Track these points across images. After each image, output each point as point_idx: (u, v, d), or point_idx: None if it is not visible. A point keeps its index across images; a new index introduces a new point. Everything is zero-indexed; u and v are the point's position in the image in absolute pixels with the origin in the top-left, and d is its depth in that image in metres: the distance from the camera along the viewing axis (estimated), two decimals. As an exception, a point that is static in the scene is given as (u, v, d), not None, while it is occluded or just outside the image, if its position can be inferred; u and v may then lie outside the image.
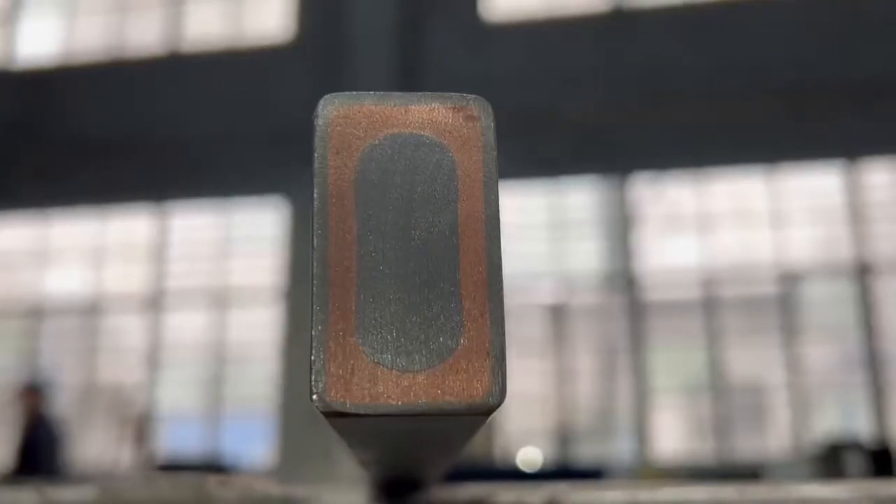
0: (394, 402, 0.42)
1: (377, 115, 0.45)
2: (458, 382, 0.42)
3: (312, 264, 0.43)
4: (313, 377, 0.41)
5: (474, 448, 8.55)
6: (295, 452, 8.64)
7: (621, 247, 10.06)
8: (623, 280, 9.89)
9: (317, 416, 0.44)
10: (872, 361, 9.21)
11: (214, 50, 10.86)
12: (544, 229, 10.19)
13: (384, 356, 0.42)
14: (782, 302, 9.55)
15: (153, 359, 10.40)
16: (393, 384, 0.42)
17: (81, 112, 10.69)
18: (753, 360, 9.55)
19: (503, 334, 0.43)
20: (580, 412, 9.72)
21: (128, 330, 10.56)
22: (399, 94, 0.46)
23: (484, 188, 0.45)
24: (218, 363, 10.30)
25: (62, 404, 9.18)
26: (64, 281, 10.84)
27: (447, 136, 0.45)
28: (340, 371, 0.42)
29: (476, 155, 0.45)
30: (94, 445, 9.98)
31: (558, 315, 9.92)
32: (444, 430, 0.45)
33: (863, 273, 9.47)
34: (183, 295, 10.51)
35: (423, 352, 0.43)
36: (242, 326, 10.34)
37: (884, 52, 9.45)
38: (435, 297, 0.43)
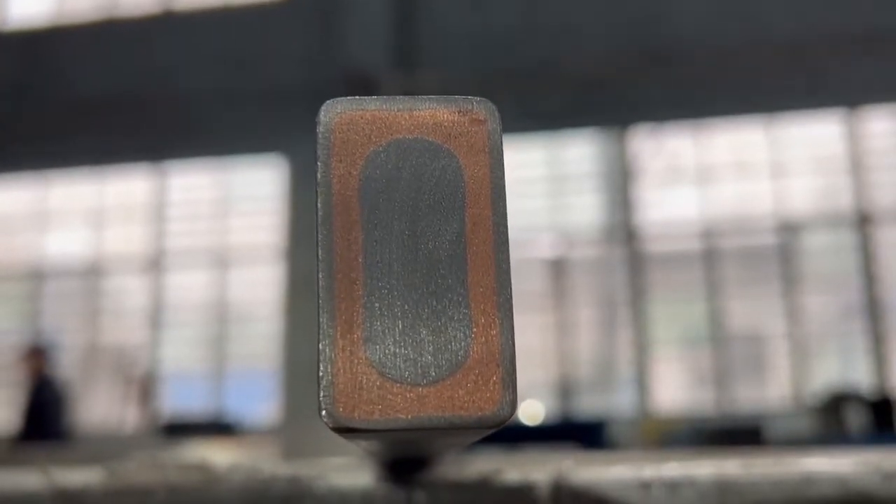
0: (403, 417, 0.41)
1: (380, 120, 0.44)
2: (468, 395, 0.42)
3: (318, 276, 0.42)
4: (322, 393, 0.41)
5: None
6: (298, 409, 8.70)
7: (621, 199, 10.04)
8: (623, 233, 9.90)
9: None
10: (872, 311, 9.25)
11: (209, 7, 10.74)
12: (544, 183, 10.17)
13: (393, 370, 0.42)
14: (782, 252, 9.56)
15: (155, 319, 10.44)
16: (402, 398, 0.42)
17: (77, 72, 10.60)
18: (753, 310, 9.59)
19: (513, 344, 0.42)
20: (581, 365, 9.78)
21: (129, 290, 10.58)
22: (402, 98, 0.44)
23: (491, 194, 0.44)
24: (220, 322, 10.34)
25: (66, 366, 9.22)
26: (64, 243, 10.84)
27: (453, 140, 0.44)
28: (349, 386, 0.41)
29: (483, 159, 0.44)
30: (98, 406, 10.06)
31: (558, 269, 9.94)
32: (454, 436, 0.45)
33: (863, 222, 9.47)
34: (183, 255, 10.52)
35: (433, 364, 0.42)
36: (244, 285, 10.36)
37: (884, 0, 9.35)
38: (443, 307, 0.42)
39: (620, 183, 10.06)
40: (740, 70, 9.44)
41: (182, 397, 10.13)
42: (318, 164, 0.43)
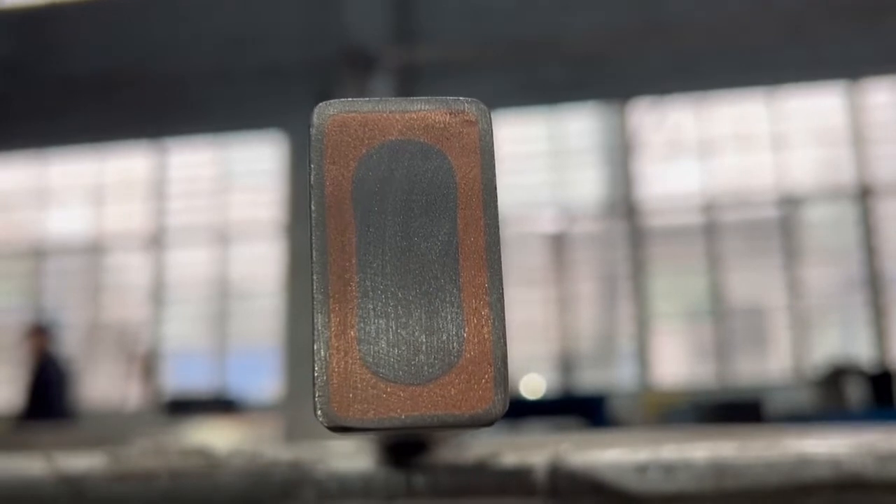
0: (397, 416, 0.42)
1: (373, 122, 0.45)
2: (460, 394, 0.42)
3: (312, 277, 0.43)
4: (317, 392, 0.42)
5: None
6: (300, 386, 8.73)
7: (622, 173, 10.02)
8: (624, 207, 9.89)
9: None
10: (873, 283, 9.25)
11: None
12: (544, 157, 10.15)
13: (387, 370, 0.42)
14: (783, 225, 9.55)
15: (157, 296, 10.46)
16: (396, 397, 0.42)
17: (75, 49, 10.55)
18: (754, 283, 9.60)
19: (505, 344, 0.43)
20: (582, 339, 9.81)
21: (130, 268, 10.59)
22: (394, 99, 0.45)
23: (483, 194, 0.44)
24: (222, 298, 10.35)
25: (68, 343, 9.25)
26: (65, 220, 10.84)
27: (445, 142, 0.45)
28: (343, 386, 0.42)
29: (475, 160, 0.44)
30: (101, 383, 10.10)
31: (559, 243, 9.94)
32: (447, 432, 0.46)
33: (864, 194, 9.46)
34: (184, 231, 10.52)
35: (426, 364, 0.43)
36: (245, 261, 10.37)
37: (887, -30, 9.28)
38: (436, 308, 0.43)
39: (621, 157, 10.04)
40: (741, 42, 9.39)
41: (184, 374, 10.17)
42: (311, 166, 0.44)
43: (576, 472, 0.92)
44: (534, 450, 0.94)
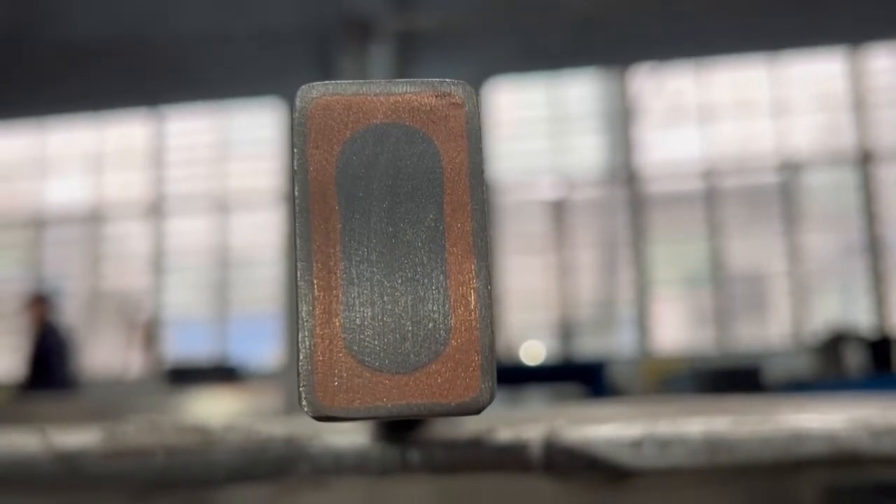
0: (383, 404, 0.42)
1: (357, 105, 0.44)
2: (447, 382, 0.42)
3: (296, 265, 0.42)
4: (301, 382, 0.41)
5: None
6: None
7: (622, 140, 9.99)
8: (624, 173, 9.86)
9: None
10: (873, 249, 9.25)
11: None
12: (544, 124, 10.11)
13: (372, 358, 0.42)
14: (783, 191, 9.54)
15: (157, 264, 10.46)
16: (382, 386, 0.42)
17: (73, 17, 10.46)
18: (754, 249, 9.60)
19: (492, 331, 0.42)
20: (582, 306, 9.82)
21: (131, 236, 10.59)
22: (379, 81, 0.44)
23: (470, 179, 0.43)
24: (222, 267, 10.36)
25: (69, 312, 9.27)
26: (64, 189, 10.82)
27: (430, 125, 0.44)
28: (329, 376, 0.41)
29: (461, 144, 0.44)
30: (102, 352, 10.13)
31: (559, 210, 9.93)
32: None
33: (864, 160, 9.43)
34: (184, 200, 10.51)
35: (412, 352, 0.42)
36: (245, 229, 10.36)
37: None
38: (422, 296, 0.42)
39: (621, 123, 10.00)
40: (742, 7, 9.31)
41: (186, 343, 10.20)
42: (294, 150, 0.43)
43: (571, 447, 0.92)
44: (529, 425, 0.94)
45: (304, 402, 0.41)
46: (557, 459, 0.92)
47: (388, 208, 0.43)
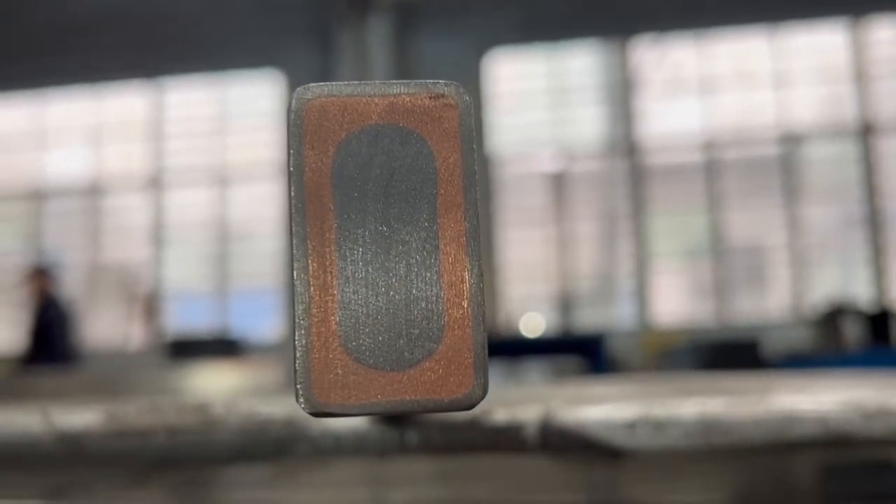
0: (378, 401, 0.43)
1: (352, 107, 0.44)
2: (441, 379, 0.43)
3: (292, 265, 0.43)
4: (298, 380, 0.42)
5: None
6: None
7: (622, 112, 9.96)
8: (624, 145, 9.84)
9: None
10: (873, 222, 9.25)
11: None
12: (544, 95, 10.07)
13: (367, 356, 0.43)
14: (784, 163, 9.52)
15: (157, 237, 10.47)
16: (377, 383, 0.43)
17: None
18: (754, 221, 9.60)
19: (484, 330, 0.43)
20: (581, 278, 9.84)
21: (130, 209, 10.58)
22: (373, 83, 0.44)
23: (463, 179, 0.44)
24: (222, 240, 10.37)
25: (69, 285, 9.28)
26: (64, 162, 10.80)
27: (424, 126, 0.44)
28: (325, 374, 0.42)
29: (454, 144, 0.44)
30: (103, 325, 10.16)
31: (559, 183, 9.91)
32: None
33: (865, 132, 9.41)
34: (183, 172, 10.49)
35: (406, 350, 0.43)
36: (245, 202, 10.36)
37: None
38: (416, 295, 0.43)
39: (622, 95, 9.97)
40: (744, -22, 9.26)
41: (186, 315, 10.22)
42: (290, 152, 0.44)
43: (566, 429, 0.93)
44: (525, 406, 0.96)
45: (300, 399, 0.42)
46: (553, 440, 0.93)
47: (382, 208, 0.44)
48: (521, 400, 1.03)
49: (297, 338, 0.42)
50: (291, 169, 0.43)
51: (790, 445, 0.90)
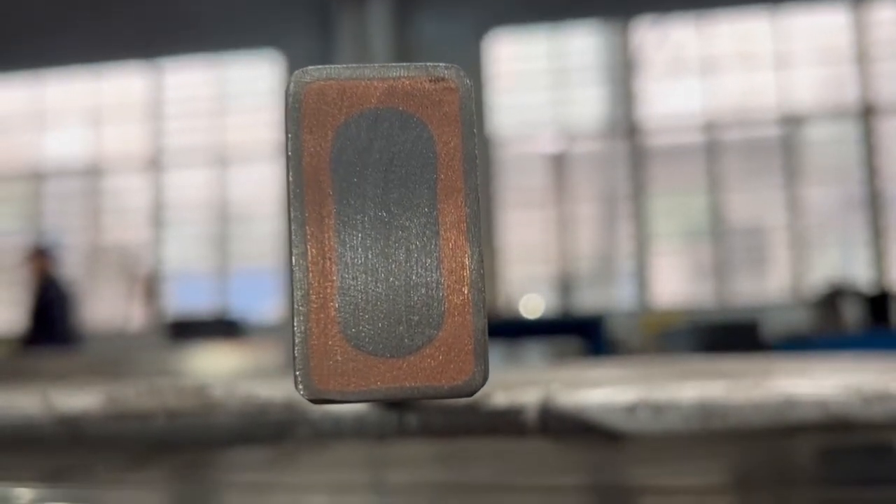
0: (378, 387, 0.42)
1: (350, 90, 0.44)
2: (441, 366, 0.43)
3: (290, 251, 0.43)
4: (297, 366, 0.42)
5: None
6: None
7: (623, 92, 9.93)
8: (625, 126, 9.82)
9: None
10: (873, 203, 9.25)
11: None
12: (545, 76, 10.04)
13: (367, 343, 0.43)
14: (784, 144, 9.50)
15: (157, 218, 10.46)
16: (377, 370, 0.43)
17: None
18: (754, 203, 9.59)
19: (484, 316, 0.43)
20: (581, 259, 9.84)
21: (130, 190, 10.57)
22: (373, 66, 0.44)
23: (464, 164, 0.44)
24: (222, 221, 10.36)
25: (70, 265, 9.29)
26: (63, 142, 10.78)
27: (424, 110, 0.44)
28: (324, 360, 0.42)
29: (455, 129, 0.44)
30: (103, 305, 10.17)
31: (559, 163, 9.90)
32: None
33: (866, 114, 9.39)
34: (183, 153, 10.47)
35: (406, 336, 0.43)
36: (244, 182, 10.35)
37: None
38: (416, 280, 0.43)
39: (623, 76, 9.94)
40: (746, -42, 9.22)
41: (186, 296, 10.23)
42: (288, 136, 0.43)
43: (566, 412, 0.93)
44: (525, 389, 0.96)
45: (300, 386, 0.42)
46: (553, 424, 0.93)
47: (381, 194, 0.43)
48: (520, 383, 1.03)
49: (295, 324, 0.42)
50: (289, 153, 0.43)
51: (789, 429, 0.90)
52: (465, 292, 0.43)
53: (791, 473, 1.05)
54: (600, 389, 0.95)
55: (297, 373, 0.42)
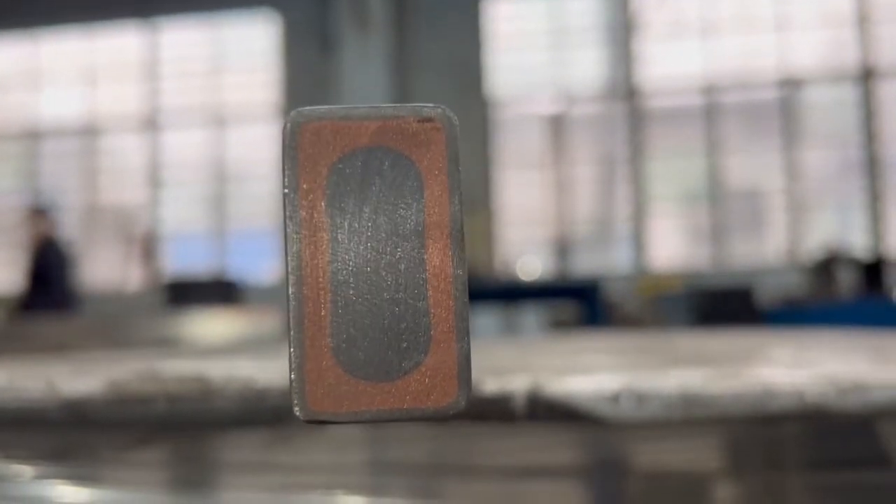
0: (368, 410, 0.46)
1: (344, 130, 0.46)
2: (426, 390, 0.46)
3: (287, 286, 0.46)
4: (294, 390, 0.45)
5: (475, 261, 8.74)
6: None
7: (623, 54, 9.89)
8: (624, 88, 9.79)
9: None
10: (872, 168, 9.26)
11: None
12: (544, 37, 9.99)
13: (359, 369, 0.46)
14: (783, 107, 9.49)
15: (154, 178, 10.46)
16: (367, 394, 0.46)
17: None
18: (752, 166, 9.60)
19: (468, 343, 0.46)
20: (579, 222, 9.87)
21: (126, 150, 10.56)
22: (364, 106, 0.47)
23: (449, 200, 0.47)
24: (219, 181, 10.37)
25: (67, 226, 9.30)
26: (58, 102, 10.74)
27: (413, 148, 0.47)
28: (318, 386, 0.45)
29: (441, 166, 0.47)
30: (101, 266, 10.20)
31: (557, 126, 9.89)
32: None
33: (866, 77, 9.36)
34: (179, 113, 10.45)
35: (395, 362, 0.46)
36: (241, 143, 10.34)
37: None
38: (404, 311, 0.46)
39: (622, 37, 9.89)
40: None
41: (184, 256, 10.27)
42: (284, 178, 0.46)
43: (553, 400, 0.97)
44: (513, 377, 0.99)
45: (295, 408, 0.45)
46: (540, 411, 0.97)
47: (372, 227, 0.46)
48: (510, 369, 1.06)
49: (291, 352, 0.45)
50: (286, 197, 0.46)
51: (768, 418, 0.94)
52: (451, 320, 0.46)
53: (775, 457, 1.09)
54: (586, 377, 0.99)
55: (294, 395, 0.45)
